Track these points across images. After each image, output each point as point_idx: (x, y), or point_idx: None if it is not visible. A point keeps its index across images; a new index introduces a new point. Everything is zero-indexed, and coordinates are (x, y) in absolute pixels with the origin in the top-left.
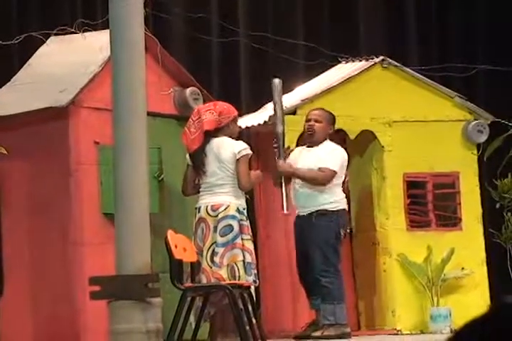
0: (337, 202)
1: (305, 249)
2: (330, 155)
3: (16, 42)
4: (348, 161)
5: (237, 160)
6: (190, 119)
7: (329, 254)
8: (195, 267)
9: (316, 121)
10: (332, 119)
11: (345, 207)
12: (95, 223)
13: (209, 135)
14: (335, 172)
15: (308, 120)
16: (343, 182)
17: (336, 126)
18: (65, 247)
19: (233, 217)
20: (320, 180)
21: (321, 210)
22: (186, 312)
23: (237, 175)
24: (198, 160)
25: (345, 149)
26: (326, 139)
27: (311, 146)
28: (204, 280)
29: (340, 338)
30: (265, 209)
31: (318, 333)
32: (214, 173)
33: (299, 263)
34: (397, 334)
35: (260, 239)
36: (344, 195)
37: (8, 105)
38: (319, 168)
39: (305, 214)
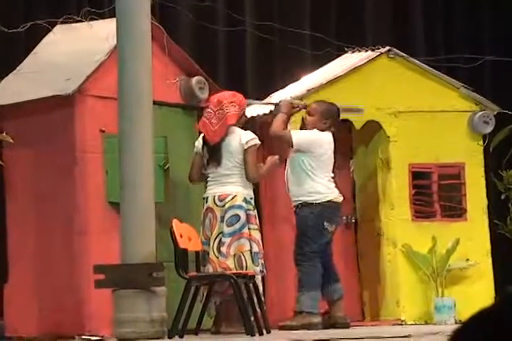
0: (320, 193)
1: None
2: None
3: (22, 30)
4: (354, 151)
5: (245, 150)
6: (209, 110)
7: (303, 244)
8: (200, 256)
9: (309, 114)
10: (329, 113)
11: (335, 198)
12: (100, 212)
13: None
14: (291, 138)
15: (307, 112)
16: (351, 173)
17: (342, 116)
18: (70, 236)
19: (240, 207)
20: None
21: (303, 201)
22: (191, 302)
23: (245, 166)
24: (216, 152)
25: (351, 140)
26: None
27: None
28: (211, 270)
29: (307, 329)
30: (270, 199)
31: (282, 323)
32: (223, 163)
33: None
34: (401, 324)
35: (265, 229)
36: (332, 186)
37: (14, 93)
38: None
39: (295, 203)
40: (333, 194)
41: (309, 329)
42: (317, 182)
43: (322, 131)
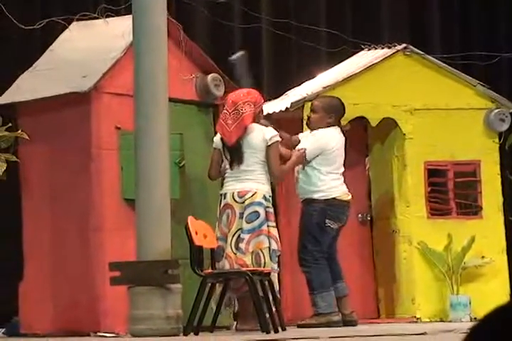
0: (324, 191)
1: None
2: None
3: (39, 27)
4: (369, 149)
5: (268, 146)
6: (225, 110)
7: (307, 243)
8: (215, 253)
9: (313, 111)
10: (331, 107)
11: (339, 196)
12: (116, 209)
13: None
14: (303, 152)
15: (310, 109)
16: (366, 170)
17: (358, 114)
18: (86, 233)
19: (260, 204)
20: (297, 160)
21: (308, 198)
22: (206, 299)
23: (268, 163)
24: (236, 153)
25: (366, 137)
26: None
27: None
28: (227, 266)
29: (327, 326)
30: (285, 196)
31: (301, 322)
32: (244, 159)
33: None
34: (416, 322)
35: (280, 225)
36: (337, 184)
37: (30, 90)
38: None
39: (301, 201)
40: (338, 191)
41: (329, 327)
42: (321, 180)
43: (329, 126)
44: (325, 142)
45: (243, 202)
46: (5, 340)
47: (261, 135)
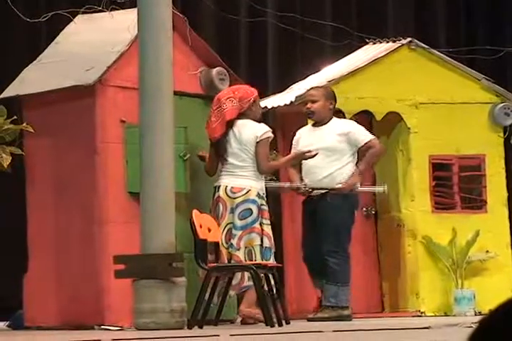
0: (356, 184)
1: (316, 228)
2: (355, 129)
3: (44, 20)
4: None
5: (257, 142)
6: (211, 108)
7: (340, 236)
8: (218, 247)
9: (313, 101)
10: (330, 94)
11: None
12: (120, 202)
13: (231, 123)
14: (376, 138)
15: (305, 102)
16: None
17: (363, 107)
18: (90, 226)
19: (253, 202)
20: (380, 151)
21: (336, 189)
22: (210, 292)
23: (256, 158)
24: (220, 148)
25: (371, 131)
26: (331, 117)
27: (317, 125)
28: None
29: (337, 320)
30: (289, 192)
31: (312, 315)
32: (236, 155)
33: (308, 242)
34: (420, 316)
35: (284, 221)
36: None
37: (35, 83)
38: (363, 145)
39: (319, 193)
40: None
41: (339, 321)
42: (351, 170)
43: (331, 114)
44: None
45: (235, 198)
46: (9, 333)
47: (252, 131)
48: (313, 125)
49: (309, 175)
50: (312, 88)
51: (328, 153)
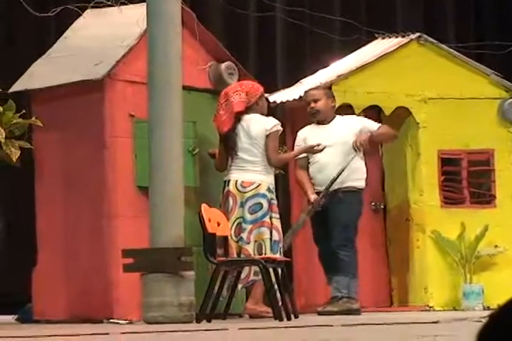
0: (363, 180)
1: (328, 224)
2: (364, 122)
3: (53, 14)
4: None
5: (267, 136)
6: (218, 102)
7: (350, 231)
8: (227, 241)
9: (315, 100)
10: (330, 92)
11: None
12: (129, 196)
13: (240, 116)
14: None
15: (308, 103)
16: (380, 158)
17: (371, 102)
18: (99, 220)
19: (264, 196)
20: (391, 132)
21: (349, 187)
22: (219, 286)
23: (266, 151)
24: (230, 141)
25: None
26: (334, 115)
27: (322, 124)
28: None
29: (347, 314)
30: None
31: (322, 309)
32: (246, 149)
33: (320, 238)
34: (429, 310)
35: (294, 213)
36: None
37: (44, 77)
38: (375, 131)
39: (332, 188)
40: None
41: (349, 314)
42: (361, 167)
43: (333, 112)
44: None
45: (245, 192)
46: (18, 326)
47: (261, 124)
48: (318, 124)
49: (323, 171)
50: (311, 89)
51: (341, 149)
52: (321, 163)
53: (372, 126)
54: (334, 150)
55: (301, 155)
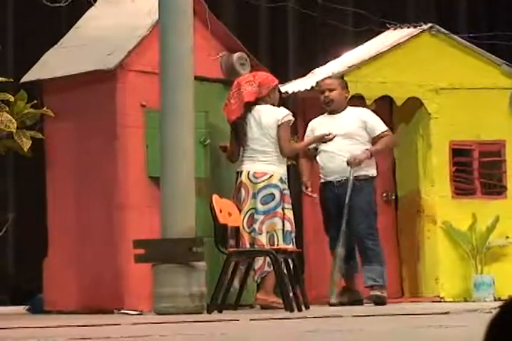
0: (374, 167)
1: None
2: (373, 118)
3: (64, 4)
4: (394, 128)
5: (279, 126)
6: (230, 91)
7: (373, 220)
8: (239, 231)
9: (330, 90)
10: (344, 83)
11: None
12: (141, 186)
13: (249, 106)
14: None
15: (322, 91)
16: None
17: (383, 93)
18: (110, 210)
19: (276, 186)
20: (392, 141)
21: (365, 175)
22: (230, 277)
23: (278, 141)
24: (239, 129)
25: (391, 116)
26: (346, 106)
27: (333, 113)
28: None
29: (379, 304)
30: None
31: (377, 292)
32: (258, 140)
33: (333, 229)
34: (440, 301)
35: (305, 204)
36: None
37: (56, 67)
38: (378, 135)
39: (343, 179)
40: None
41: (377, 304)
42: (373, 158)
43: (346, 103)
44: None
45: (257, 183)
46: (29, 317)
47: (273, 114)
48: (329, 114)
49: (333, 160)
50: (326, 78)
51: (350, 139)
52: (329, 152)
53: (377, 127)
54: (341, 139)
55: (311, 145)
